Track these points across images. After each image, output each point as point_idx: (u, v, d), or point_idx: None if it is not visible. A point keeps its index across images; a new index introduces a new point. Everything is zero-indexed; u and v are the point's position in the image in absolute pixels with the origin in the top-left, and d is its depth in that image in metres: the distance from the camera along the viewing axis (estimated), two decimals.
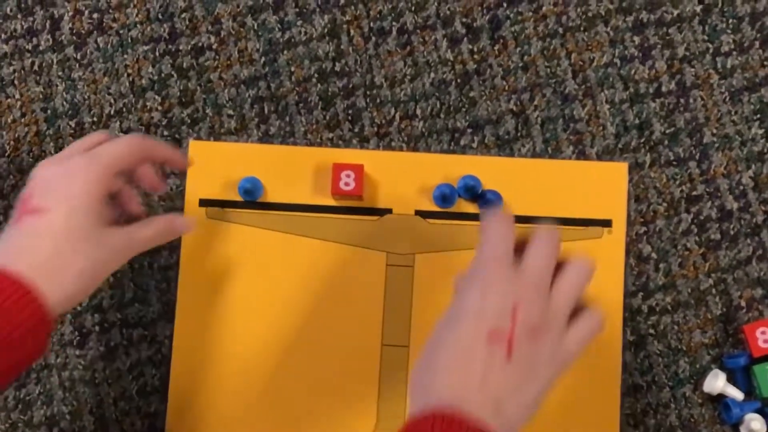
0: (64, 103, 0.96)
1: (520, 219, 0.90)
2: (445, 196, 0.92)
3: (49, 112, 0.96)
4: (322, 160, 0.94)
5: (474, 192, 0.92)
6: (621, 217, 0.92)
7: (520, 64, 0.95)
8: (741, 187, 0.93)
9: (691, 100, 0.94)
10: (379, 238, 0.93)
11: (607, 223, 0.92)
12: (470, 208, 0.93)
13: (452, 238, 0.92)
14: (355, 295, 0.92)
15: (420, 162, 0.94)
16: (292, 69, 0.96)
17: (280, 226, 0.93)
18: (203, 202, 0.94)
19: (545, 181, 0.93)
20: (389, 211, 0.93)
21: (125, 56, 0.96)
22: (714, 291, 0.92)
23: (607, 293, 0.91)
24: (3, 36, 0.97)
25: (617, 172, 0.93)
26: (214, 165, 0.94)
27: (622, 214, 0.92)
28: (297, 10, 0.96)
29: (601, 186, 0.93)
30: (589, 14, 0.95)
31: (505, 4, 0.96)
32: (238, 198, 0.93)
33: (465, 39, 0.96)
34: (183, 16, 0.97)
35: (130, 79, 0.96)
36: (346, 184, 0.91)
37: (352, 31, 0.96)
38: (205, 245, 0.93)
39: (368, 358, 0.92)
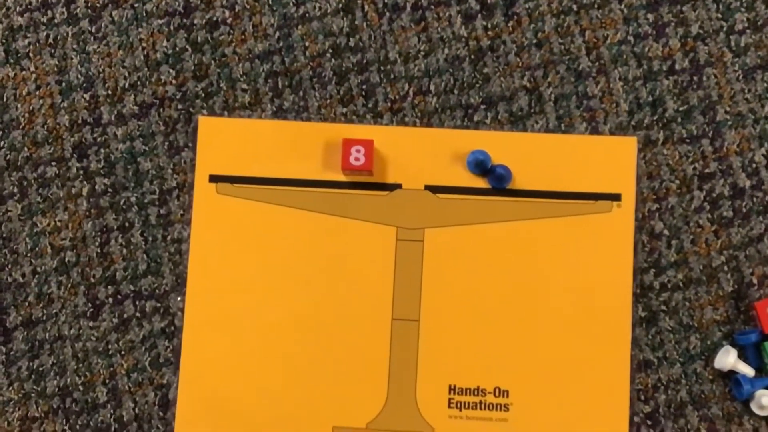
0: (79, 75, 0.96)
1: (530, 193, 0.91)
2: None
3: (63, 84, 0.96)
4: (332, 135, 0.94)
5: (484, 167, 0.92)
6: (630, 192, 0.92)
7: (534, 41, 0.95)
8: (753, 165, 0.93)
9: (704, 78, 0.94)
10: (389, 212, 0.93)
11: (616, 197, 0.92)
12: (480, 182, 0.93)
13: (462, 212, 0.92)
14: (365, 270, 0.92)
15: (430, 137, 0.94)
16: (306, 44, 0.96)
17: (290, 201, 0.93)
18: (213, 178, 0.94)
19: (555, 156, 0.93)
20: (399, 186, 0.93)
21: (140, 30, 0.97)
22: (726, 268, 0.92)
23: (617, 267, 0.91)
24: (18, 9, 0.97)
25: (626, 147, 0.93)
26: (223, 141, 0.94)
27: (632, 188, 0.92)
28: None
29: (610, 160, 0.93)
30: None
31: None
32: (248, 174, 0.93)
33: (479, 15, 0.96)
34: None
35: (145, 52, 0.96)
36: (356, 159, 0.92)
37: (366, 7, 0.96)
38: (215, 220, 0.94)
39: (378, 332, 0.92)
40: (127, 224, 0.94)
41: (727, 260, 0.92)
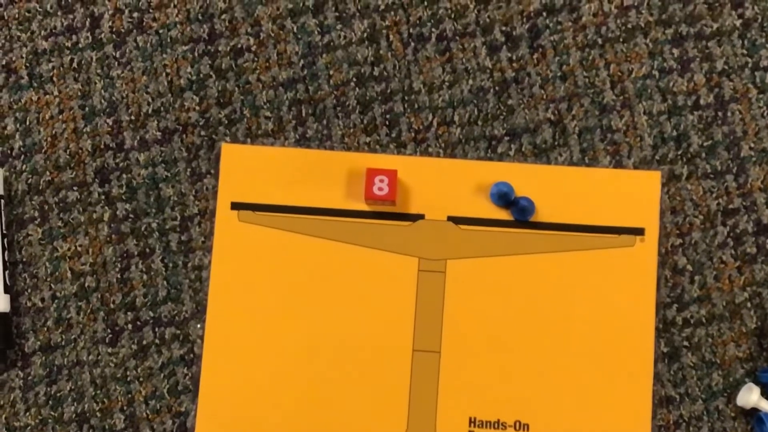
0: (102, 101, 0.96)
1: (553, 226, 0.91)
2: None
3: (86, 109, 0.96)
4: (356, 165, 0.94)
5: (507, 199, 0.92)
6: (654, 226, 0.92)
7: (559, 74, 0.95)
8: None
9: (729, 114, 0.94)
10: (411, 243, 0.93)
11: (639, 232, 0.92)
12: (503, 214, 0.93)
13: (485, 244, 0.92)
14: (386, 300, 0.92)
15: (453, 168, 0.94)
16: (331, 72, 0.96)
17: (312, 230, 0.93)
18: (235, 205, 0.94)
19: (578, 189, 0.93)
20: (422, 216, 0.93)
21: (164, 56, 0.97)
22: (749, 305, 0.92)
23: (639, 302, 0.91)
24: (43, 33, 0.97)
25: (650, 181, 0.93)
26: (246, 168, 0.94)
27: (655, 222, 0.92)
28: (337, 14, 0.97)
29: (634, 194, 0.93)
30: (629, 26, 0.95)
31: (544, 14, 0.96)
32: (270, 201, 0.93)
33: (504, 47, 0.96)
34: (223, 17, 0.97)
35: (169, 78, 0.96)
36: (380, 189, 0.91)
37: (391, 37, 0.96)
38: (236, 248, 0.93)
39: (399, 363, 0.91)
40: (147, 250, 0.94)
41: (750, 297, 0.92)
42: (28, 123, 0.96)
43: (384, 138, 0.95)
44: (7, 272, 0.93)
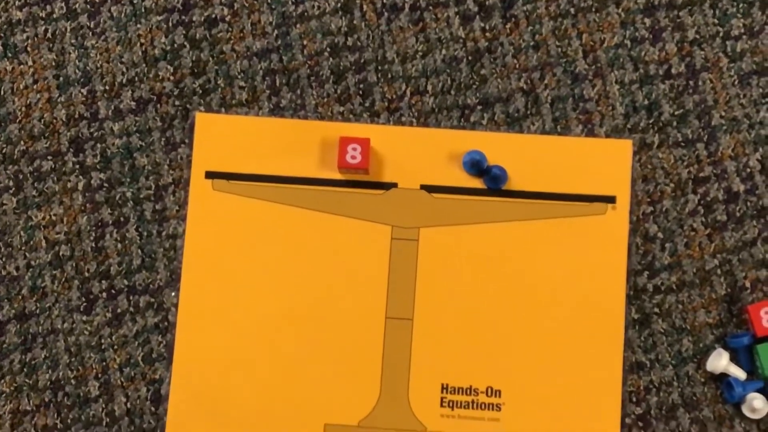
0: (77, 71, 0.96)
1: (525, 194, 0.92)
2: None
3: (61, 79, 0.96)
4: (329, 134, 0.94)
5: (479, 167, 0.92)
6: (625, 194, 0.92)
7: (531, 43, 0.96)
8: (748, 170, 0.94)
9: (700, 83, 0.95)
10: (384, 211, 0.93)
11: (611, 200, 0.92)
12: (476, 183, 0.93)
13: (458, 212, 0.93)
14: (359, 268, 0.93)
15: (426, 137, 0.94)
16: (305, 42, 0.96)
17: (286, 199, 0.94)
18: (209, 174, 0.94)
19: (550, 158, 0.93)
20: (395, 185, 0.94)
21: (138, 26, 0.97)
22: (719, 271, 0.92)
23: (610, 268, 0.91)
24: (17, 3, 0.97)
25: (622, 149, 0.93)
26: (220, 138, 0.95)
27: (626, 191, 0.92)
28: None
29: (605, 163, 0.93)
30: None
31: None
32: (244, 170, 0.94)
33: (477, 17, 0.96)
34: None
35: (143, 48, 0.97)
36: (353, 157, 0.92)
37: (364, 7, 0.96)
38: (210, 217, 0.94)
39: (372, 330, 0.92)
40: (122, 219, 0.94)
41: (720, 264, 0.92)
42: (2, 93, 0.96)
43: (357, 107, 0.95)
44: None
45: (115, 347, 0.93)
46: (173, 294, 0.93)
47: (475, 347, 0.91)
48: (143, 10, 0.97)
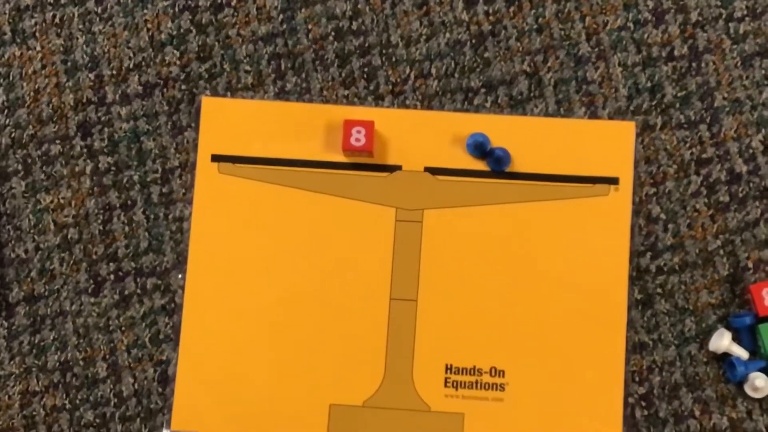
0: (84, 55, 0.97)
1: (528, 176, 0.92)
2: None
3: (69, 64, 0.97)
4: (334, 117, 0.95)
5: (483, 149, 0.93)
6: (628, 176, 0.93)
7: (535, 26, 0.96)
8: (750, 151, 0.94)
9: (703, 65, 0.95)
10: (388, 194, 0.94)
11: (614, 181, 0.93)
12: (479, 165, 0.94)
13: (461, 194, 0.93)
14: (364, 250, 0.93)
15: (430, 119, 0.95)
16: (310, 27, 0.97)
17: (291, 181, 0.94)
18: (215, 158, 0.95)
19: (553, 139, 0.94)
20: (399, 167, 0.94)
21: (145, 11, 0.98)
22: (721, 252, 0.93)
23: (613, 250, 0.92)
24: None
25: (625, 131, 0.94)
26: (226, 121, 0.95)
27: (629, 172, 0.93)
28: None
29: (608, 144, 0.93)
30: None
31: None
32: (249, 154, 0.95)
33: (480, 0, 0.97)
34: None
35: (150, 33, 0.98)
36: (357, 140, 0.93)
37: None
38: (216, 199, 0.95)
39: (377, 312, 0.93)
40: (129, 202, 0.95)
41: (723, 244, 0.93)
42: (11, 78, 0.97)
43: (362, 91, 0.96)
44: None
45: (123, 329, 0.94)
46: (180, 276, 0.94)
47: (478, 328, 0.92)
48: None
